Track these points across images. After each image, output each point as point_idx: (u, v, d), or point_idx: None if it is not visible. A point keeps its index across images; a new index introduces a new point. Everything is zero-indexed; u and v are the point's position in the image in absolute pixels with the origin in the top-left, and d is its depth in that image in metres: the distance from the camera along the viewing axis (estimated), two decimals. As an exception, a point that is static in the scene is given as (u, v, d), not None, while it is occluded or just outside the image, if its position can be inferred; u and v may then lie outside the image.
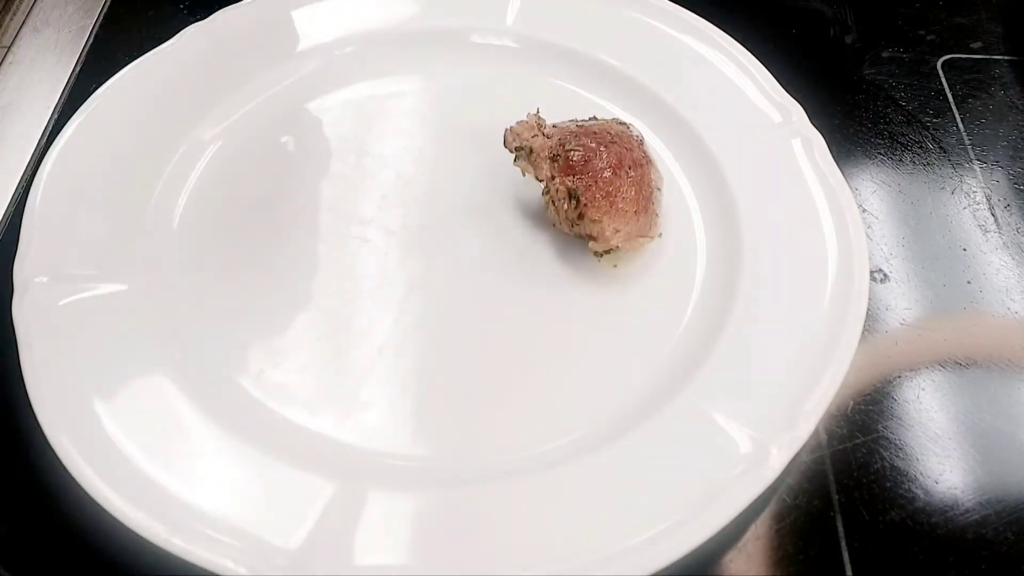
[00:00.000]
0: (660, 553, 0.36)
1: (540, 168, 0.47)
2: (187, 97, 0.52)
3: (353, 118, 0.54)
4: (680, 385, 0.42)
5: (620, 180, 0.46)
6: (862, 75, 0.59)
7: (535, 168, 0.47)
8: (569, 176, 0.46)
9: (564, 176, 0.46)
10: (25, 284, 0.43)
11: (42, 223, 0.46)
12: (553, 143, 0.47)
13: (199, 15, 0.56)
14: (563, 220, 0.47)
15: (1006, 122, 0.56)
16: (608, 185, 0.46)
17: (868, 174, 0.53)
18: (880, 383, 0.45)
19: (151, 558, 0.36)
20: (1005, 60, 0.60)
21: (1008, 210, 0.52)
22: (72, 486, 0.37)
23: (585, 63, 0.55)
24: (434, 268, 0.47)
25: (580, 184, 0.46)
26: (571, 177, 0.46)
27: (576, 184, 0.46)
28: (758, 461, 0.38)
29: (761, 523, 0.40)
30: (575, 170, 0.46)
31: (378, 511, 0.38)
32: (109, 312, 0.44)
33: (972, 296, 0.48)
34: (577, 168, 0.46)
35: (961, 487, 0.41)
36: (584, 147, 0.47)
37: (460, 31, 0.55)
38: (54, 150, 0.49)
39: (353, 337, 0.45)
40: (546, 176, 0.47)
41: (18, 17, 0.62)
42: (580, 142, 0.47)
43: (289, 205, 0.50)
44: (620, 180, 0.46)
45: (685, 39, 0.55)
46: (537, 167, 0.47)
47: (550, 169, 0.47)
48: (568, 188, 0.46)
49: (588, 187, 0.46)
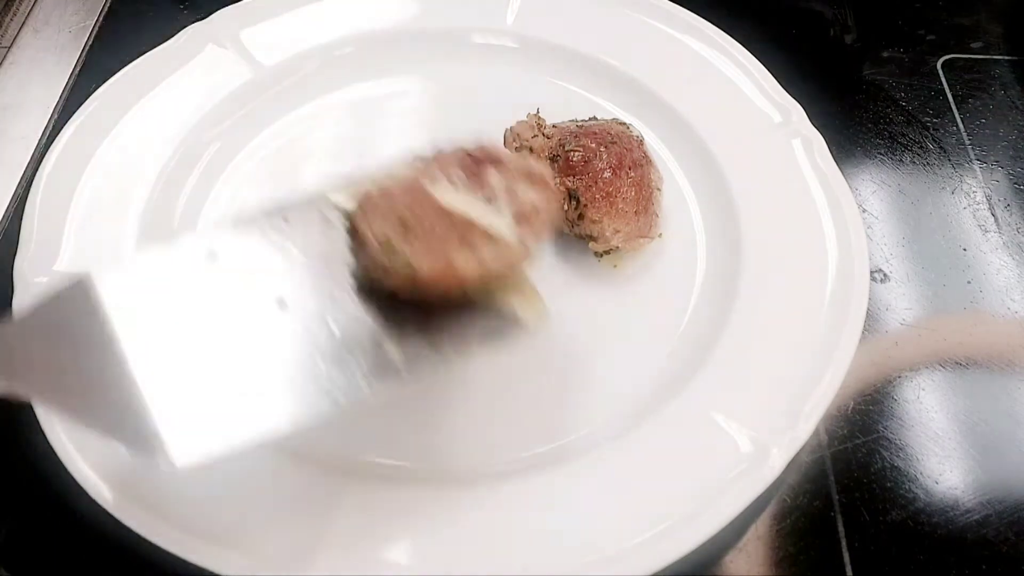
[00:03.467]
0: (660, 553, 0.36)
1: (540, 168, 0.47)
2: (187, 97, 0.52)
3: (353, 118, 0.54)
4: (680, 385, 0.42)
5: (620, 181, 0.46)
6: (862, 75, 0.59)
7: (535, 168, 0.47)
8: (569, 177, 0.46)
9: (564, 177, 0.46)
10: (25, 284, 0.44)
11: (42, 223, 0.46)
12: (553, 143, 0.47)
13: (199, 15, 0.56)
14: (563, 220, 0.47)
15: (1006, 122, 0.56)
16: (608, 186, 0.46)
17: (868, 174, 0.53)
18: (880, 383, 0.45)
19: (151, 558, 0.36)
20: (1005, 60, 0.60)
21: (1008, 210, 0.52)
22: (72, 486, 0.37)
23: (585, 63, 0.55)
24: (434, 268, 0.47)
25: (580, 185, 0.46)
26: (571, 178, 0.46)
27: (576, 185, 0.46)
28: (758, 461, 0.38)
29: (761, 523, 0.40)
30: (575, 171, 0.46)
31: (378, 511, 0.38)
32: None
33: (972, 296, 0.48)
34: (577, 169, 0.46)
35: (962, 487, 0.41)
36: (584, 148, 0.47)
37: (460, 31, 0.55)
38: (54, 150, 0.49)
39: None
40: (546, 176, 0.47)
41: (18, 17, 0.62)
42: (580, 143, 0.47)
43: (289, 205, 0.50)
44: (620, 181, 0.46)
45: (685, 39, 0.55)
46: (537, 167, 0.47)
47: (550, 169, 0.47)
48: (568, 189, 0.46)
49: (588, 187, 0.46)
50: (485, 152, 0.38)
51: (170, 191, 0.49)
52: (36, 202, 0.47)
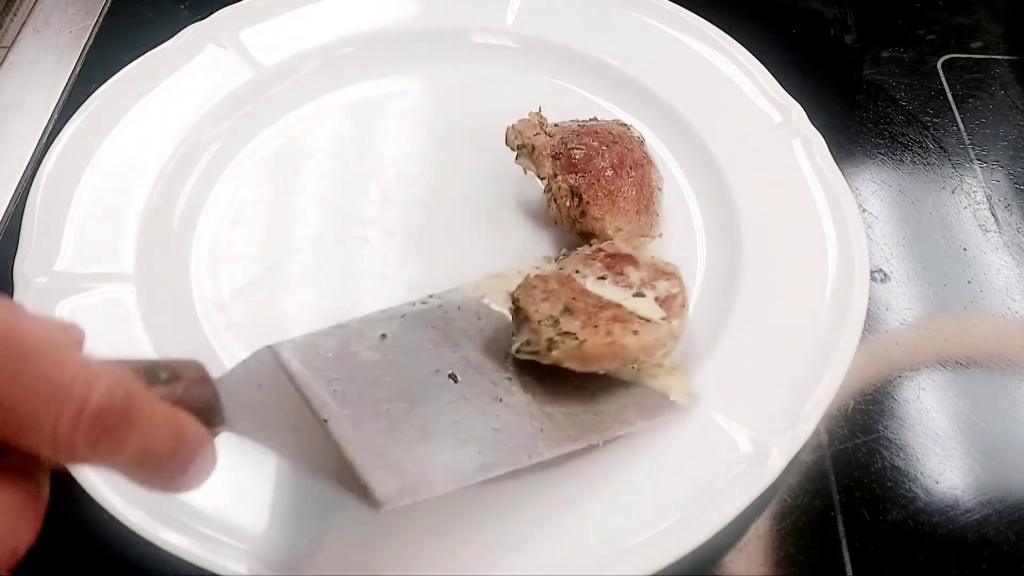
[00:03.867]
0: (660, 553, 0.36)
1: (542, 166, 0.47)
2: (187, 97, 0.52)
3: (353, 118, 0.54)
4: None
5: (622, 179, 0.46)
6: (862, 75, 0.59)
7: (537, 166, 0.47)
8: (571, 174, 0.46)
9: (566, 174, 0.46)
10: (25, 284, 0.44)
11: (42, 223, 0.46)
12: (555, 141, 0.47)
13: (199, 15, 0.56)
14: (565, 218, 0.47)
15: (1006, 122, 0.56)
16: (610, 184, 0.46)
17: (868, 174, 0.53)
18: (880, 383, 0.45)
19: (151, 558, 0.36)
20: (1005, 60, 0.60)
21: (1008, 210, 0.52)
22: (72, 486, 0.37)
23: (585, 63, 0.55)
24: (434, 268, 0.47)
25: (582, 182, 0.46)
26: (573, 175, 0.46)
27: (578, 182, 0.46)
28: (758, 461, 0.38)
29: (762, 523, 0.40)
30: (577, 168, 0.46)
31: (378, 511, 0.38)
32: (109, 312, 0.44)
33: (972, 296, 0.48)
34: (579, 166, 0.46)
35: (962, 487, 0.41)
36: (586, 146, 0.47)
37: (460, 31, 0.55)
38: (54, 150, 0.49)
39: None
40: (548, 174, 0.47)
41: (18, 17, 0.62)
42: (582, 141, 0.47)
43: (289, 205, 0.50)
44: (622, 179, 0.46)
45: (685, 39, 0.55)
46: (539, 165, 0.47)
47: (552, 167, 0.47)
48: (570, 186, 0.46)
49: (590, 185, 0.46)
50: (617, 250, 0.43)
51: (170, 191, 0.49)
52: (36, 202, 0.47)
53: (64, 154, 0.49)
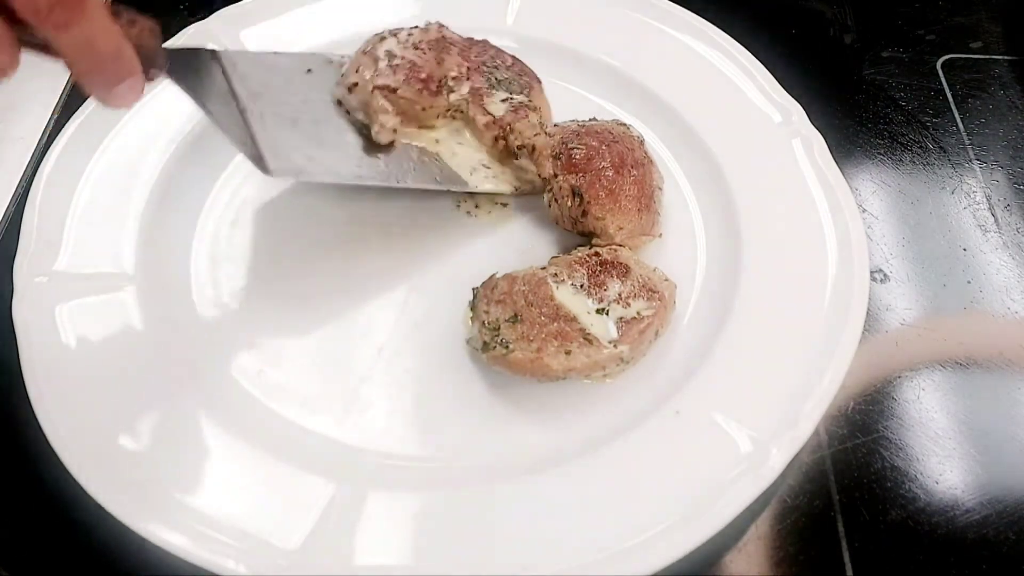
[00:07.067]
0: (660, 553, 0.36)
1: (543, 165, 0.47)
2: (187, 98, 0.52)
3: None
4: (680, 385, 0.42)
5: (622, 179, 0.46)
6: (862, 75, 0.59)
7: (538, 166, 0.47)
8: (572, 173, 0.46)
9: (567, 173, 0.46)
10: (25, 284, 0.44)
11: (42, 223, 0.46)
12: (556, 141, 0.47)
13: (199, 15, 0.56)
14: (566, 218, 0.47)
15: (1006, 122, 0.56)
16: (611, 183, 0.46)
17: (868, 174, 0.53)
18: (880, 383, 0.45)
19: (152, 558, 0.36)
20: (1005, 60, 0.60)
21: (1008, 210, 0.52)
22: (72, 486, 0.37)
23: (585, 63, 0.55)
24: (434, 268, 0.47)
25: (583, 182, 0.46)
26: (574, 175, 0.46)
27: (579, 182, 0.46)
28: (758, 461, 0.38)
29: (762, 523, 0.40)
30: (578, 167, 0.46)
31: (378, 511, 0.38)
32: (108, 311, 0.44)
33: (972, 296, 0.48)
34: (580, 166, 0.46)
35: (962, 487, 0.41)
36: (587, 146, 0.47)
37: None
38: (54, 150, 0.49)
39: (353, 338, 0.45)
40: (549, 173, 0.47)
41: (18, 17, 0.61)
42: (582, 141, 0.47)
43: (289, 205, 0.50)
44: (622, 179, 0.46)
45: (685, 39, 0.55)
46: (540, 164, 0.47)
47: (553, 167, 0.47)
48: (571, 185, 0.46)
49: (591, 184, 0.46)
50: (615, 258, 0.44)
51: (170, 191, 0.49)
52: (36, 202, 0.47)
53: (64, 154, 0.49)
